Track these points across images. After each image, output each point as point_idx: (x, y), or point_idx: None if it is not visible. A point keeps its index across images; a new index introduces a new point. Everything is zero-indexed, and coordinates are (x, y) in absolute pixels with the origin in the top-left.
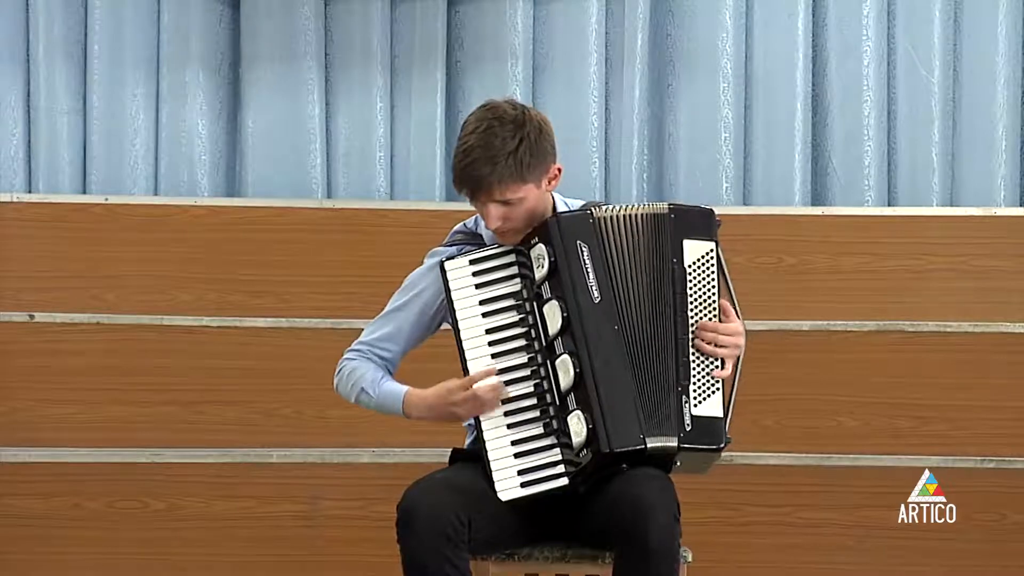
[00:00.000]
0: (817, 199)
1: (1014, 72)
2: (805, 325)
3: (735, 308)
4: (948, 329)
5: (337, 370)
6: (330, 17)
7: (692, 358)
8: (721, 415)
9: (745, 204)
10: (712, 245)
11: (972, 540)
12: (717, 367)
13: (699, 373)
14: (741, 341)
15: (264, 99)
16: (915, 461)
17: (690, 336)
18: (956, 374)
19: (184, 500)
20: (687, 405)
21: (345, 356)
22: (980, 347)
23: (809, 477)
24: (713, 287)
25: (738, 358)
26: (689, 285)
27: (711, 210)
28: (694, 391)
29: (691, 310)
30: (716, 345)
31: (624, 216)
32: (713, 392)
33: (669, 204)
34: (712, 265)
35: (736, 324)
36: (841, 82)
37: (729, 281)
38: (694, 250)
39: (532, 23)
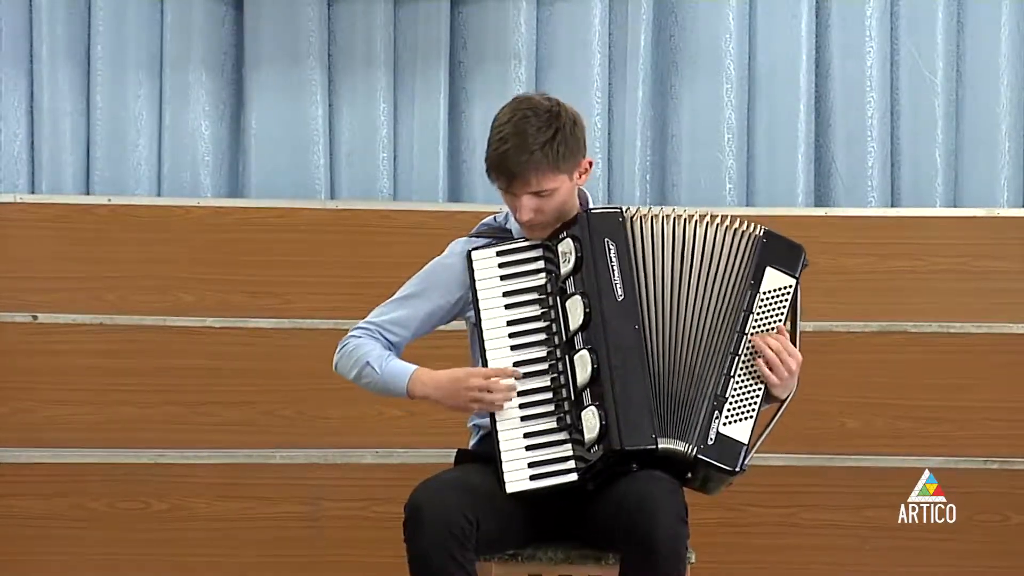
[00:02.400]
0: (820, 200)
1: (1017, 73)
2: (808, 326)
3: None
4: (951, 330)
5: (339, 347)
6: (333, 18)
7: (737, 379)
8: (746, 442)
9: (748, 205)
10: (793, 281)
11: (975, 541)
12: (759, 395)
13: (738, 394)
14: (792, 367)
15: (267, 100)
16: (918, 462)
17: (741, 358)
18: (959, 375)
19: (186, 501)
20: (716, 420)
21: (350, 333)
22: (983, 348)
23: (812, 478)
24: (779, 321)
25: (784, 403)
26: (756, 310)
27: (803, 248)
28: (728, 409)
29: (749, 334)
30: (779, 357)
31: (671, 218)
32: (746, 418)
33: (765, 229)
34: (786, 300)
35: (795, 349)
36: (844, 83)
37: (799, 323)
38: (774, 280)
39: (535, 24)
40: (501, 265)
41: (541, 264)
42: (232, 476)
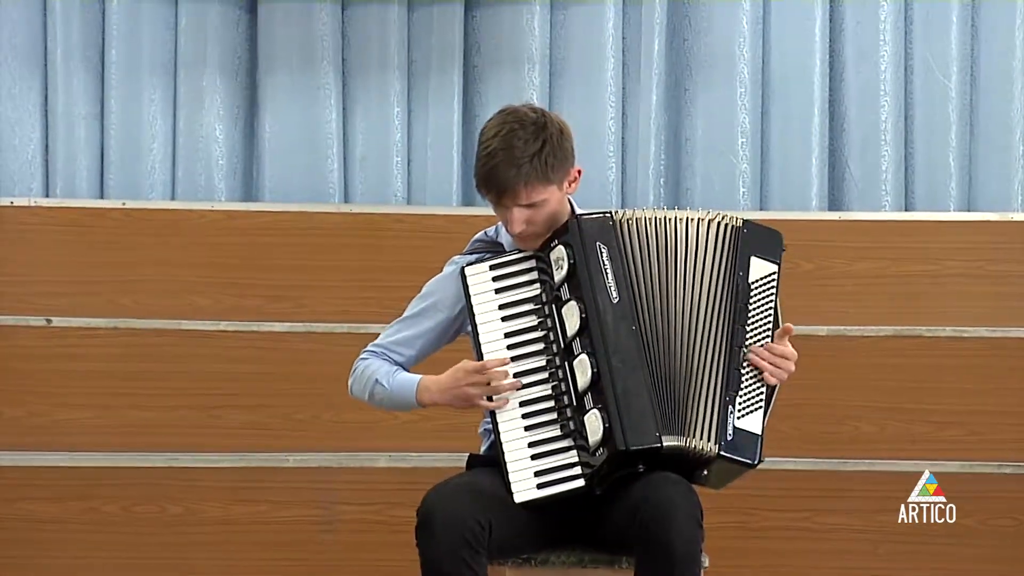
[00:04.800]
0: (834, 204)
1: None
2: (822, 330)
3: None
4: (965, 334)
5: (352, 370)
6: (347, 22)
7: (743, 371)
8: (759, 432)
9: (762, 209)
10: (776, 268)
11: (988, 545)
12: (763, 384)
13: (747, 386)
14: (792, 367)
15: (281, 104)
16: (932, 466)
17: (744, 351)
18: (973, 379)
19: (201, 504)
20: (732, 415)
21: (360, 356)
22: (997, 352)
23: (825, 482)
24: (770, 309)
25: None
26: (751, 302)
27: (780, 233)
28: (740, 403)
29: (748, 326)
30: (774, 366)
31: (659, 219)
32: (756, 409)
33: (743, 219)
34: (772, 288)
35: (791, 349)
36: (858, 87)
37: (779, 307)
38: (759, 269)
39: (549, 28)
40: (495, 279)
41: (535, 275)
42: (246, 480)
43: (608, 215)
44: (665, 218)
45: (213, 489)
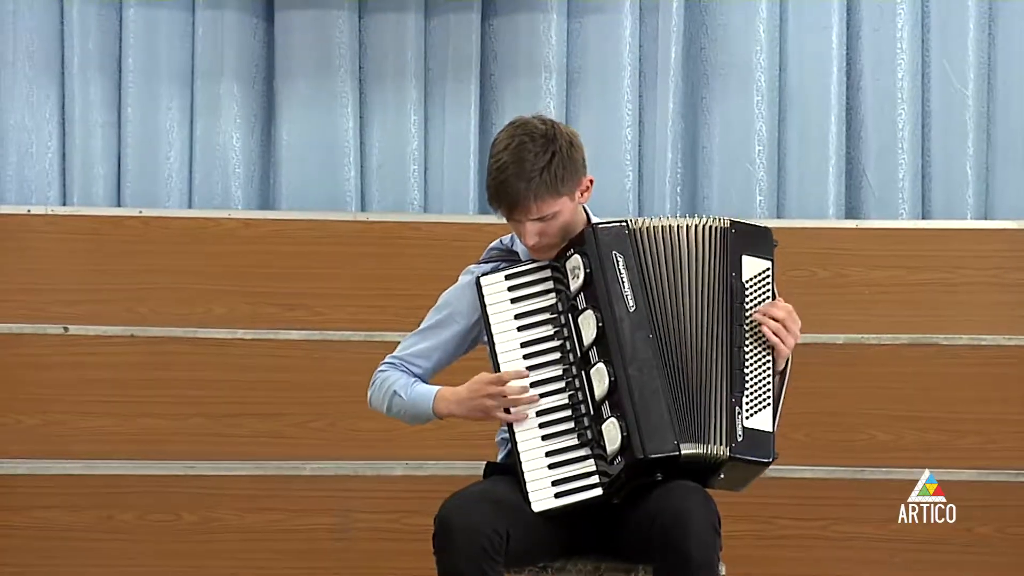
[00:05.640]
0: (851, 212)
1: None
2: (839, 338)
3: None
4: (982, 342)
5: (371, 383)
6: (364, 30)
7: (747, 370)
8: (771, 430)
9: (779, 217)
10: (769, 264)
11: (1005, 554)
12: (770, 381)
13: (752, 384)
14: (797, 329)
15: (298, 112)
16: (948, 475)
17: (744, 350)
18: (990, 387)
19: (217, 513)
20: (739, 416)
21: (379, 369)
22: (1014, 360)
23: (841, 490)
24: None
25: (785, 374)
26: (747, 300)
27: (769, 229)
28: (747, 402)
29: (746, 325)
30: (784, 325)
31: (666, 227)
32: (764, 407)
33: (730, 219)
34: (767, 284)
35: (783, 304)
36: (875, 95)
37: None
38: (752, 267)
39: (566, 36)
40: (511, 288)
41: (550, 284)
42: (262, 488)
43: (624, 224)
44: (669, 226)
45: (229, 497)
